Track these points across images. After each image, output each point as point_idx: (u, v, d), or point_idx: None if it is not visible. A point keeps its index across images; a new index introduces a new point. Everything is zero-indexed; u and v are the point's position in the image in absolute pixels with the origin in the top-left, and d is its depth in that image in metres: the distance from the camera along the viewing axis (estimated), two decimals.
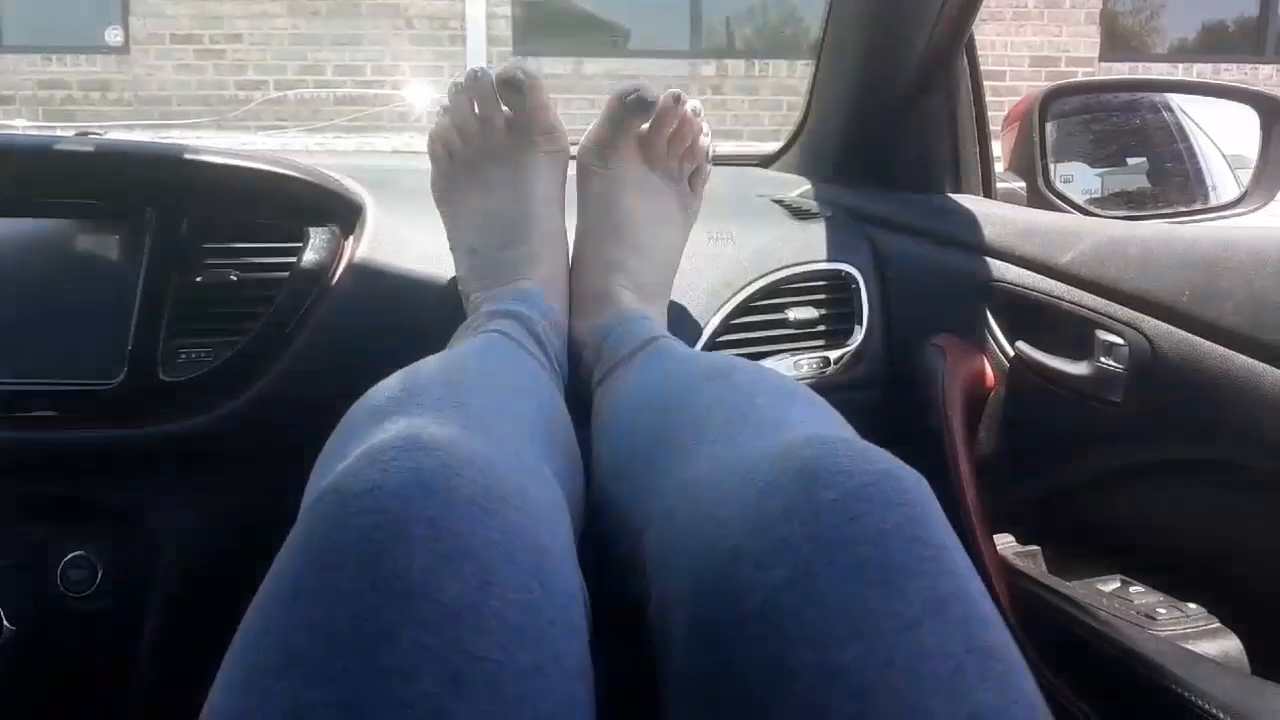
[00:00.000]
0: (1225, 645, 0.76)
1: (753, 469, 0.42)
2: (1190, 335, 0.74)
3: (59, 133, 0.99)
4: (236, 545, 0.97)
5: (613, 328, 0.80)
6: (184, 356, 0.90)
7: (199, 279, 0.91)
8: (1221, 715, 0.66)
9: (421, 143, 0.93)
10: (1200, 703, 0.68)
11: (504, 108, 0.85)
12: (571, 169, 0.92)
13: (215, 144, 0.97)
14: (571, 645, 0.38)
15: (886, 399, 1.06)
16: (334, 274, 0.93)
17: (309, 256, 0.92)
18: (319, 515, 0.36)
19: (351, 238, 0.96)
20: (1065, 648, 0.81)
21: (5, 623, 0.90)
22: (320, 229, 0.94)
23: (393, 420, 0.46)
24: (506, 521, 0.37)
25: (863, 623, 0.34)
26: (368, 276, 0.94)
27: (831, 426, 0.50)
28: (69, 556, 0.91)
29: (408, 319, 0.90)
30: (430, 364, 0.58)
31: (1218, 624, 0.78)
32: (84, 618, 0.92)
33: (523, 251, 0.85)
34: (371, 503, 0.35)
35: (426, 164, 0.90)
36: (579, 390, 0.83)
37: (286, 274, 0.92)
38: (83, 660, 0.93)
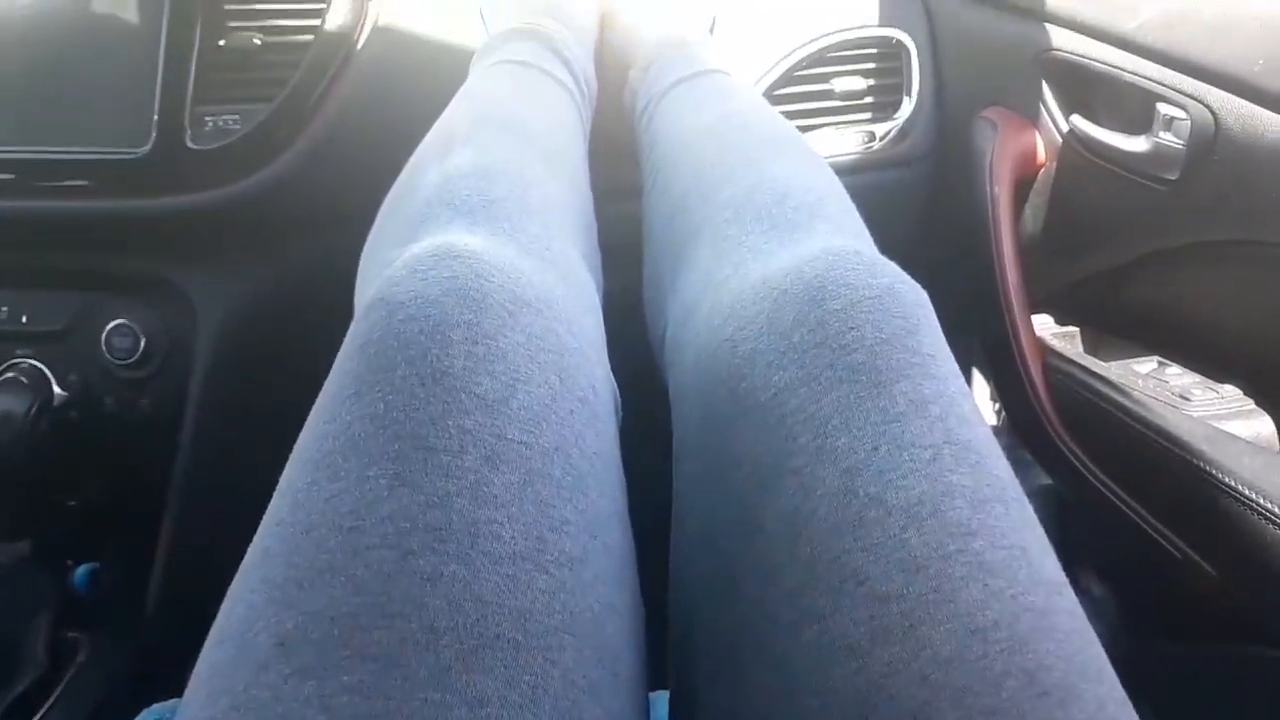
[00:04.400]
0: (1258, 427, 0.75)
1: (771, 277, 0.46)
2: (1259, 109, 0.70)
3: None
4: (273, 312, 0.98)
5: (665, 49, 0.78)
6: (211, 124, 0.88)
7: (222, 43, 0.88)
8: (1247, 492, 0.67)
9: None
10: (1228, 480, 0.68)
11: None
12: None
13: None
14: (591, 430, 0.43)
15: (932, 176, 1.03)
16: (359, 36, 0.90)
17: (333, 19, 0.89)
18: (371, 323, 0.40)
19: None
20: (1097, 427, 0.82)
21: (56, 388, 0.93)
22: None
23: (428, 224, 0.50)
24: (531, 325, 0.42)
25: (854, 416, 0.39)
26: (394, 38, 0.90)
27: (849, 237, 0.53)
28: (112, 324, 0.93)
29: (435, 80, 0.87)
30: (457, 147, 0.59)
31: (1252, 405, 0.77)
32: (130, 384, 0.95)
33: None
34: (415, 310, 0.40)
35: None
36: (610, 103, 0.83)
37: (311, 37, 0.89)
38: (131, 425, 0.96)
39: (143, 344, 0.93)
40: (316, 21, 0.89)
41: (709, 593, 0.42)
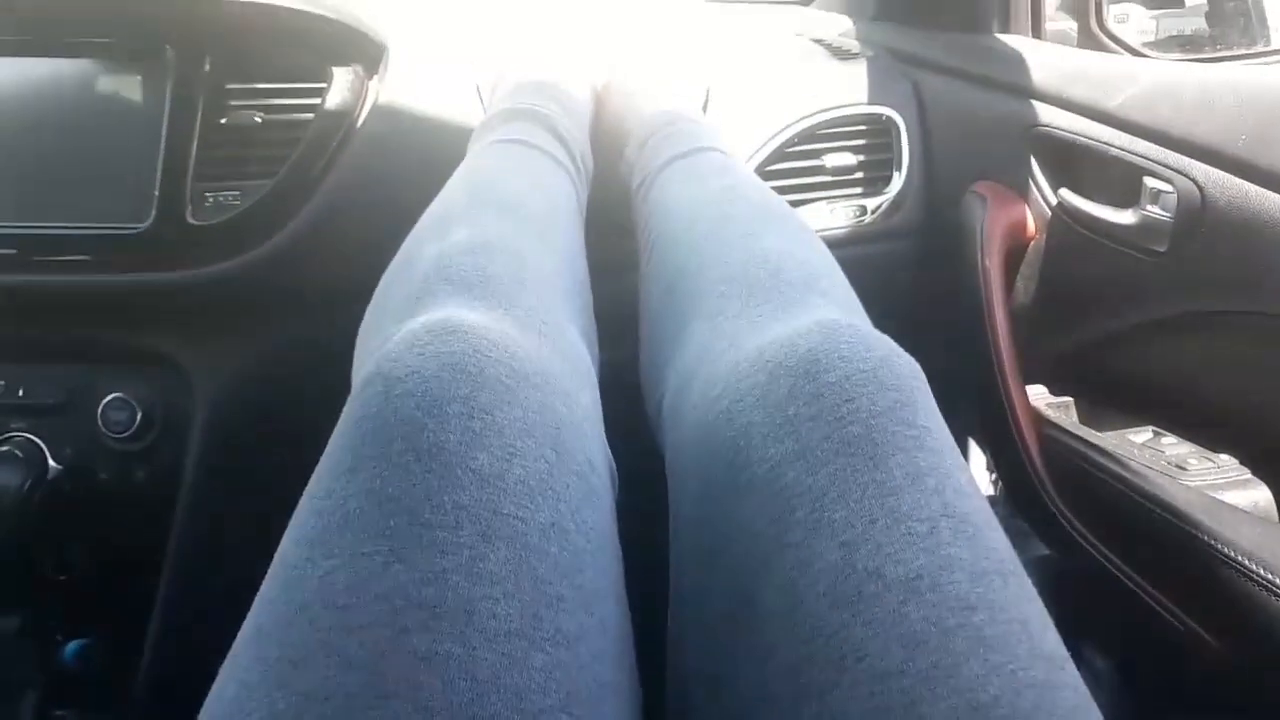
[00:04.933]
0: (1255, 496, 0.75)
1: (767, 350, 0.46)
2: (1242, 182, 0.72)
3: None
4: (270, 388, 0.98)
5: (661, 126, 0.80)
6: (211, 200, 0.89)
7: (223, 121, 0.90)
8: (1247, 562, 0.66)
9: None
10: (1226, 550, 0.68)
11: None
12: None
13: None
14: (588, 505, 0.42)
15: (924, 249, 1.04)
16: (359, 115, 0.91)
17: (333, 98, 0.90)
18: (368, 398, 0.40)
19: (375, 78, 0.94)
20: (1094, 497, 0.82)
21: (51, 461, 0.93)
22: (344, 69, 0.92)
23: (426, 299, 0.51)
24: (528, 399, 0.42)
25: (851, 489, 0.39)
26: (393, 117, 0.92)
27: (843, 311, 0.53)
28: (108, 398, 0.93)
29: (434, 159, 0.89)
30: (455, 225, 0.60)
31: (1249, 475, 0.77)
32: (125, 457, 0.95)
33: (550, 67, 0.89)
34: (413, 386, 0.40)
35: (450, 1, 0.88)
36: (606, 179, 0.85)
37: (311, 116, 0.90)
38: (126, 499, 0.96)
39: (139, 417, 0.93)
40: (317, 100, 0.90)
41: (706, 668, 0.42)
